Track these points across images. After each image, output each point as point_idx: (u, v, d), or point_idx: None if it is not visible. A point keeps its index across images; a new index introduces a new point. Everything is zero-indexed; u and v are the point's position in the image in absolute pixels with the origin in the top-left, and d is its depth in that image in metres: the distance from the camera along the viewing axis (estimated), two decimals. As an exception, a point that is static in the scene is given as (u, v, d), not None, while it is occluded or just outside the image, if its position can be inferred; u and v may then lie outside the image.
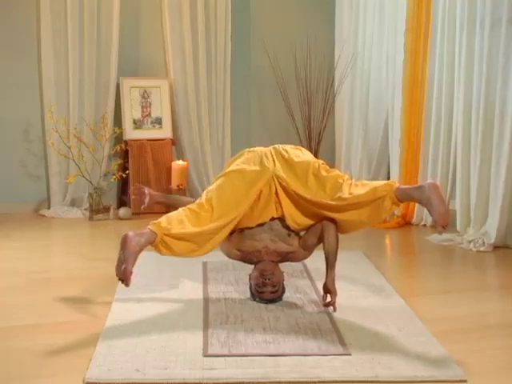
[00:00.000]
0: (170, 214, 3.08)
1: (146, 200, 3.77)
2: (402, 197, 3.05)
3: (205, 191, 3.25)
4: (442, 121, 5.12)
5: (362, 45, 6.10)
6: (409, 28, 5.32)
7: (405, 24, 5.35)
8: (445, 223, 2.93)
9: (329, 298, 3.23)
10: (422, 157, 5.31)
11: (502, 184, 4.51)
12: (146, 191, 3.80)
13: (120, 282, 2.91)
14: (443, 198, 3.00)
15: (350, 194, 3.08)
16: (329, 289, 3.22)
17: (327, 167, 3.24)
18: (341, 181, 3.14)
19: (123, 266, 2.85)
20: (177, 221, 3.02)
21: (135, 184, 3.79)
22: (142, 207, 3.82)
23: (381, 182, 3.13)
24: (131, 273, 2.86)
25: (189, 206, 3.15)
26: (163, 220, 3.01)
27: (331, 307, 3.21)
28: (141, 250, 2.92)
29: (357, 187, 3.11)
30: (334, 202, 3.11)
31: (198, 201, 3.17)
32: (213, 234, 3.09)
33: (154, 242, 2.96)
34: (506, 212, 4.55)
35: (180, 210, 3.12)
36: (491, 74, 4.56)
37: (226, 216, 3.10)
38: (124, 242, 2.90)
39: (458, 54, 4.85)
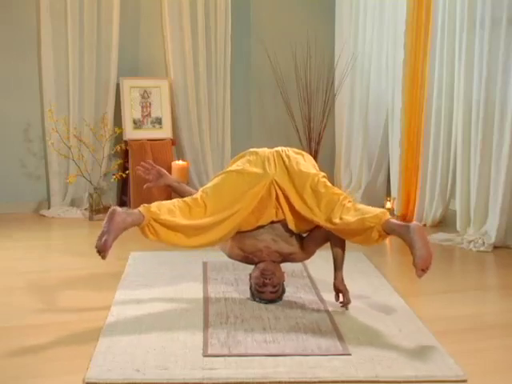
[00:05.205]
0: (162, 201, 3.07)
1: (159, 180, 3.47)
2: (389, 231, 3.00)
3: (201, 188, 3.24)
4: (442, 121, 5.11)
5: (362, 45, 6.10)
6: (409, 28, 5.32)
7: (405, 24, 5.35)
8: (425, 267, 2.83)
9: (341, 298, 3.27)
10: (422, 157, 5.30)
11: (502, 184, 4.51)
12: (160, 171, 3.49)
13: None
14: (427, 241, 2.91)
15: (341, 219, 3.05)
16: (339, 288, 3.27)
17: (327, 183, 3.20)
18: (336, 200, 3.11)
19: (104, 238, 2.85)
20: (167, 209, 3.01)
21: (147, 161, 3.56)
22: (146, 186, 3.54)
23: (371, 212, 3.03)
24: (110, 246, 2.85)
25: (183, 199, 3.14)
26: (154, 205, 3.00)
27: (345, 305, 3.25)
28: (125, 227, 2.91)
29: (349, 212, 3.05)
30: (324, 224, 3.11)
31: (193, 196, 3.17)
32: (203, 230, 3.08)
33: (141, 225, 2.95)
34: (506, 212, 4.55)
35: (174, 200, 3.11)
36: (491, 73, 4.56)
37: (219, 213, 3.09)
38: (111, 215, 2.90)
39: (458, 54, 4.85)
